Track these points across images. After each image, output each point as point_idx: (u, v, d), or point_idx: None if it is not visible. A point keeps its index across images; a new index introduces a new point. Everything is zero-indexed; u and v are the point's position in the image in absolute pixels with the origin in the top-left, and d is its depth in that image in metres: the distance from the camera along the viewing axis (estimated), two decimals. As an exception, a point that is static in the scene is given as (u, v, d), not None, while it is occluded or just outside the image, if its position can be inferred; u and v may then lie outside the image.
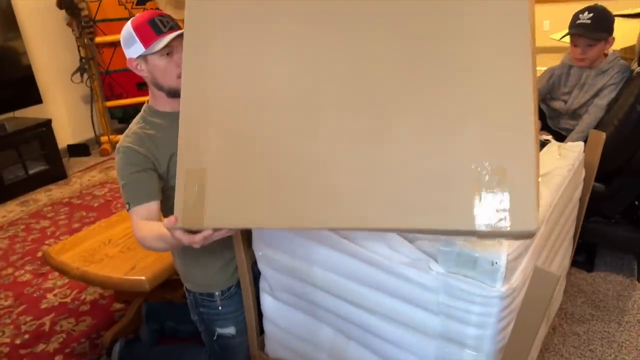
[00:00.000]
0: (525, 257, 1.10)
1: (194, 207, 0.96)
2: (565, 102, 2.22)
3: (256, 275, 1.52)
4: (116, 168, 1.38)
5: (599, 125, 2.06)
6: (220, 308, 1.57)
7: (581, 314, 1.99)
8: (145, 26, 1.32)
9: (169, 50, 1.36)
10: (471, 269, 1.04)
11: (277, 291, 1.47)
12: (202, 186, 0.96)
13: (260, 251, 1.44)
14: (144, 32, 1.32)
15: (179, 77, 1.34)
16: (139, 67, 1.38)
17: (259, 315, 1.56)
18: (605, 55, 2.12)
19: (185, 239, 1.01)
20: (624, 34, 3.10)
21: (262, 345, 1.61)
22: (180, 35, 1.33)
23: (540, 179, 1.31)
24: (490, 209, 0.76)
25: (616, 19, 3.47)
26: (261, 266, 1.47)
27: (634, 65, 2.17)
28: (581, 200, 1.66)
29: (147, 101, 1.49)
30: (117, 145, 1.40)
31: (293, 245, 1.33)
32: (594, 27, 1.95)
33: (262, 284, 1.53)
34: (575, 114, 2.22)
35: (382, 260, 1.15)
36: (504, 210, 0.75)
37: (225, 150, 0.95)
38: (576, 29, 1.98)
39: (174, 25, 1.37)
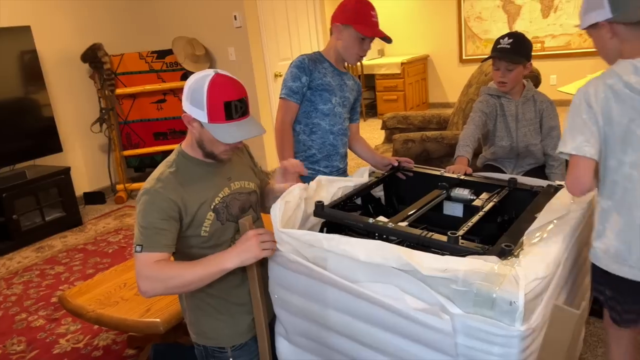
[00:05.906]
0: (544, 297, 1.10)
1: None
2: (512, 138, 2.25)
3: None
4: (139, 209, 1.32)
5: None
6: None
7: (602, 364, 1.94)
8: (219, 106, 1.32)
9: None
10: (489, 309, 1.04)
11: (293, 335, 1.46)
12: None
13: (276, 294, 1.44)
14: (215, 110, 1.32)
15: (225, 149, 1.40)
16: (192, 124, 1.37)
17: None
18: (523, 86, 2.24)
19: None
20: None
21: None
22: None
23: (554, 222, 1.32)
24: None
25: None
26: (277, 309, 1.47)
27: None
28: (597, 245, 1.65)
29: (181, 145, 1.46)
30: (146, 186, 1.34)
31: (308, 287, 1.33)
32: (513, 51, 2.06)
33: (278, 328, 1.52)
34: (524, 150, 2.25)
35: (393, 303, 1.15)
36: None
37: None
38: (496, 53, 2.09)
39: (246, 111, 1.37)
